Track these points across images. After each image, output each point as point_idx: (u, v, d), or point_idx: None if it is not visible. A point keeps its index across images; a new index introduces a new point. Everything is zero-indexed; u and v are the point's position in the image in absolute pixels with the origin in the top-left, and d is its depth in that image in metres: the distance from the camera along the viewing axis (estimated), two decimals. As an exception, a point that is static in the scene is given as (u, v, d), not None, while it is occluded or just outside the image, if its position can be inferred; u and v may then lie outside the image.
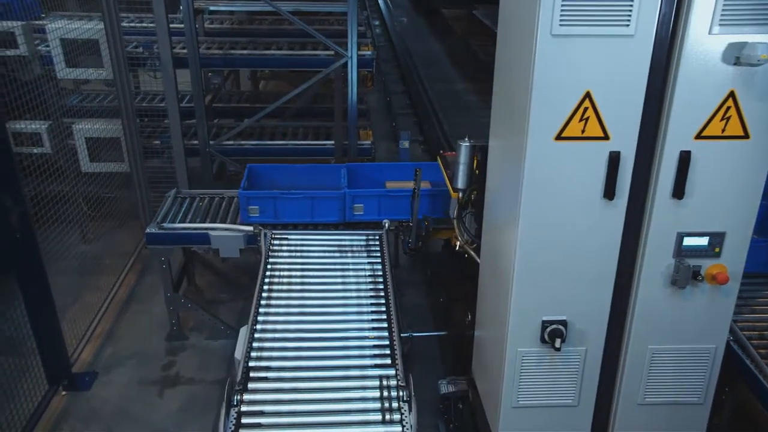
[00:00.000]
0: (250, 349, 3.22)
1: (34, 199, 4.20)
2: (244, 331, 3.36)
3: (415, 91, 9.68)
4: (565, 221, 2.47)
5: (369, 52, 5.56)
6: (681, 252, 2.51)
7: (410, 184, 4.42)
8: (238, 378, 3.02)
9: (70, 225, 4.89)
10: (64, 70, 5.11)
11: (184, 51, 5.34)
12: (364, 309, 3.56)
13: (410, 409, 2.84)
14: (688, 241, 2.49)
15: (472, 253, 3.46)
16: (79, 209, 5.23)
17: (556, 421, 2.83)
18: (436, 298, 5.07)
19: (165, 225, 4.40)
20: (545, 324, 2.61)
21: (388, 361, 3.17)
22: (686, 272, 2.51)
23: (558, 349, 2.60)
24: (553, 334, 2.60)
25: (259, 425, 2.78)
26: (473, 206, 3.54)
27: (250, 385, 2.98)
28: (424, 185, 4.63)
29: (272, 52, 5.67)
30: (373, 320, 3.47)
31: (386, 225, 4.39)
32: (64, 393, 4.19)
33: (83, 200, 5.32)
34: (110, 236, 5.74)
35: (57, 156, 5.15)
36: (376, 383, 3.00)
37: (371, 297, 3.67)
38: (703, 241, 2.49)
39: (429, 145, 7.69)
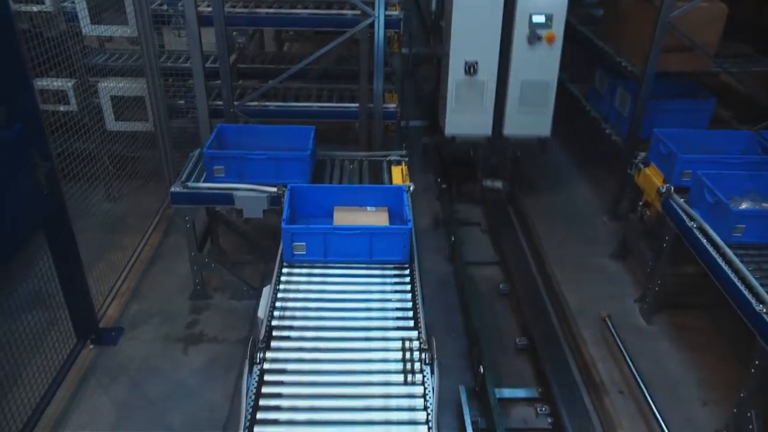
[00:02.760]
0: (273, 308, 3.23)
1: (60, 156, 4.22)
2: (267, 291, 3.37)
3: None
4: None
5: (396, 12, 5.41)
6: (532, 25, 5.17)
7: (362, 213, 3.85)
8: (261, 336, 3.04)
9: (95, 183, 4.93)
10: (89, 26, 5.08)
11: (209, 9, 5.25)
12: (387, 272, 3.54)
13: (432, 372, 2.84)
14: (535, 19, 5.16)
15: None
16: (104, 167, 5.26)
17: (474, 120, 5.60)
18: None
19: (189, 184, 4.40)
20: (467, 63, 5.32)
21: (411, 323, 3.17)
22: (534, 35, 5.20)
23: (472, 76, 5.35)
24: (470, 68, 5.33)
25: (281, 383, 2.80)
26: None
27: (273, 344, 3.00)
28: (382, 217, 3.84)
29: (298, 11, 5.56)
30: (396, 283, 3.46)
31: (411, 188, 4.33)
32: (91, 347, 4.28)
33: (108, 159, 5.35)
34: (134, 195, 5.79)
35: (82, 114, 5.16)
36: (398, 345, 3.00)
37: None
38: (542, 18, 5.17)
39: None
